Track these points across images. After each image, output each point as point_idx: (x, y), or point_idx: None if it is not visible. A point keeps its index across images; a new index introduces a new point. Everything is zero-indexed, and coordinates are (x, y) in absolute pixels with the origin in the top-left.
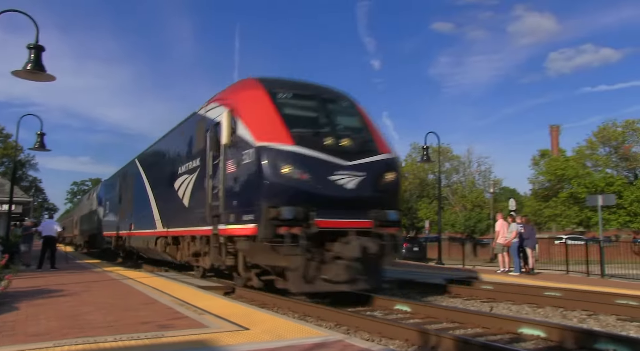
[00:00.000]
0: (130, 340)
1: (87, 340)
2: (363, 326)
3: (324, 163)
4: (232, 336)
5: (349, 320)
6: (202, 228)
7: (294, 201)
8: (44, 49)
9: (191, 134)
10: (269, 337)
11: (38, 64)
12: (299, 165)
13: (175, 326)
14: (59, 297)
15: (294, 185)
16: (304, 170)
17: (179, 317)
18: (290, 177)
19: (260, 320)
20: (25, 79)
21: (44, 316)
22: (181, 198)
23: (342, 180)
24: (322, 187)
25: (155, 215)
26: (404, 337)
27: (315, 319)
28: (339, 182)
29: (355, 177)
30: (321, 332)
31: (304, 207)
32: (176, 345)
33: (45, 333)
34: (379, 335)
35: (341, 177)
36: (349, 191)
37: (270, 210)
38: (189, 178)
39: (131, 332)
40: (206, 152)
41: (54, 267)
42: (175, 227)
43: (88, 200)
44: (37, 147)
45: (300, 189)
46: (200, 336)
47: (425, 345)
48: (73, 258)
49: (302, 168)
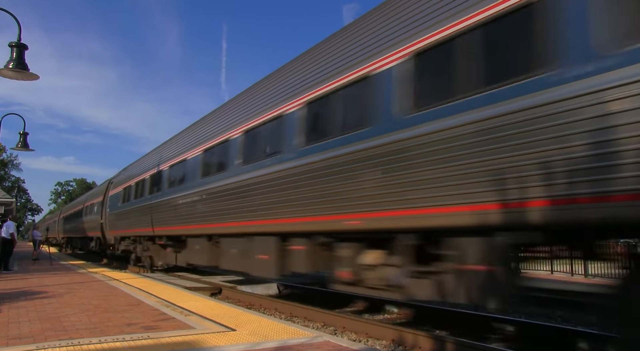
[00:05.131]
0: (115, 341)
1: (70, 342)
2: (350, 326)
3: None
4: (218, 338)
5: (335, 321)
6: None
7: None
8: (26, 48)
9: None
10: (255, 338)
11: (21, 63)
12: None
13: (161, 327)
14: (42, 299)
15: None
16: None
17: (165, 318)
18: None
19: (247, 321)
20: (8, 77)
21: (26, 318)
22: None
23: None
24: None
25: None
26: (390, 337)
27: (302, 320)
28: None
29: None
30: (307, 333)
31: None
32: (162, 346)
33: (27, 336)
34: (366, 336)
35: None
36: None
37: None
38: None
39: (116, 334)
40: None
41: (7, 269)
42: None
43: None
44: (20, 146)
45: None
46: (186, 338)
47: (410, 344)
48: (57, 259)
49: None
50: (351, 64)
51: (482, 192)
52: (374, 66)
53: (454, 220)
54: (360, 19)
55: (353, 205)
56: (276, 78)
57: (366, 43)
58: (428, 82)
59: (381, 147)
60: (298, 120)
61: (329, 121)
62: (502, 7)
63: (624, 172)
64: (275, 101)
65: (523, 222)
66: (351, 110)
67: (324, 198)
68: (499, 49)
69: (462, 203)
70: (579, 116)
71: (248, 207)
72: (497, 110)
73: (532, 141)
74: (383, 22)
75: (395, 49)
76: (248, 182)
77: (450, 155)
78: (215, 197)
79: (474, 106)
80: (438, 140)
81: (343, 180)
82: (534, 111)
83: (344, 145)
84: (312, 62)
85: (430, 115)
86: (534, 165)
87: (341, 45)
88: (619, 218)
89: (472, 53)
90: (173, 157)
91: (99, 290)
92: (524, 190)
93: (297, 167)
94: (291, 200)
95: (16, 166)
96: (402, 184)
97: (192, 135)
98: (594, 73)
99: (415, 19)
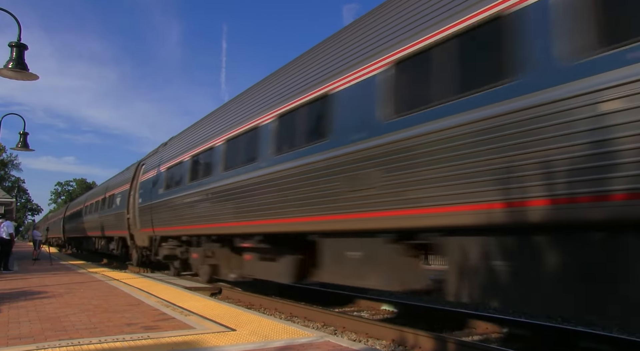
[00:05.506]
0: (115, 341)
1: (70, 342)
2: (350, 326)
3: None
4: (218, 338)
5: (335, 321)
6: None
7: None
8: (26, 47)
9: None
10: (255, 338)
11: (20, 63)
12: None
13: (161, 327)
14: (42, 299)
15: None
16: None
17: (165, 318)
18: None
19: (247, 321)
20: (8, 77)
21: (26, 318)
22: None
23: None
24: None
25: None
26: (390, 337)
27: (302, 319)
28: None
29: None
30: (308, 333)
31: None
32: (162, 346)
33: (27, 336)
34: (366, 336)
35: None
36: None
37: None
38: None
39: (116, 334)
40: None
41: (7, 269)
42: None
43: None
44: (20, 146)
45: None
46: (186, 338)
47: (410, 344)
48: (57, 259)
49: None
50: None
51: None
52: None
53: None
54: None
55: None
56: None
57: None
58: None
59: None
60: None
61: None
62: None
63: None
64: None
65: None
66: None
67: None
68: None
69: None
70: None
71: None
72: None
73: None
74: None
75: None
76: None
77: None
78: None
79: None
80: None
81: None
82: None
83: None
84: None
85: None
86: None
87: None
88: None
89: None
90: (286, 100)
91: (99, 290)
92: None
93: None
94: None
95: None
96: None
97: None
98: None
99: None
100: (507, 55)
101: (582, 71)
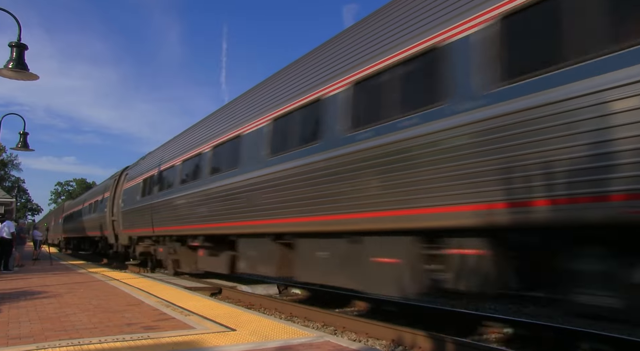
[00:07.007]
0: (116, 341)
1: (70, 342)
2: (350, 326)
3: None
4: (218, 338)
5: (335, 321)
6: None
7: None
8: (26, 48)
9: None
10: (255, 338)
11: (20, 63)
12: None
13: (161, 327)
14: (42, 299)
15: None
16: None
17: (165, 318)
18: None
19: (247, 321)
20: (8, 77)
21: (27, 318)
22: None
23: None
24: None
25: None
26: (390, 337)
27: (302, 320)
28: None
29: None
30: (308, 333)
31: None
32: (162, 346)
33: (27, 336)
34: (366, 336)
35: None
36: None
37: None
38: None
39: (116, 334)
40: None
41: (8, 269)
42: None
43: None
44: (20, 146)
45: None
46: (186, 338)
47: (409, 344)
48: (57, 259)
49: None
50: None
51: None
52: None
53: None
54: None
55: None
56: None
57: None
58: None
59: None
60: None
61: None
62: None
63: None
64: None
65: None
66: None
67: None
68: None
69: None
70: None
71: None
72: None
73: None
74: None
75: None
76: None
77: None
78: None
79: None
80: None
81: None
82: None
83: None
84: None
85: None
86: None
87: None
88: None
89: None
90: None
91: (99, 290)
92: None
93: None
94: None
95: (16, 166)
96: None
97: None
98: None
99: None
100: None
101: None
